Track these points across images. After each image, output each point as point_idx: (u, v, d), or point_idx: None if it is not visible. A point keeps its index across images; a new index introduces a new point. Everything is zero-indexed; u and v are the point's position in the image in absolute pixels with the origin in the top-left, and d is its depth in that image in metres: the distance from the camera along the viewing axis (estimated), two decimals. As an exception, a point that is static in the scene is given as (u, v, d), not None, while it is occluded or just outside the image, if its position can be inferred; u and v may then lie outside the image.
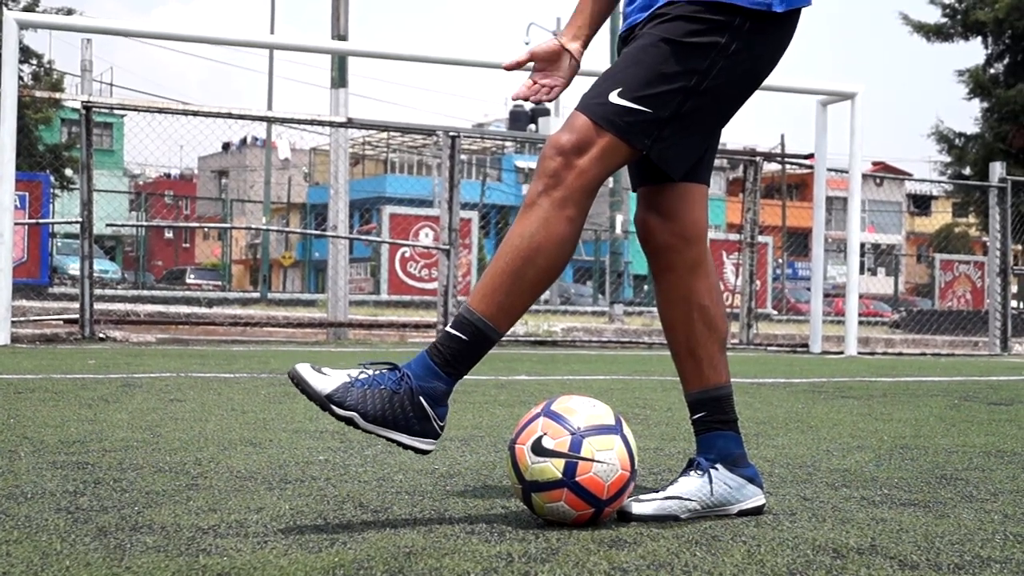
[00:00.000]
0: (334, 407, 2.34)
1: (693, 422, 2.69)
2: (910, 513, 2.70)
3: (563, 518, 2.41)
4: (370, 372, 2.41)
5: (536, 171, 2.48)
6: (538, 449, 2.40)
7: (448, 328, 2.46)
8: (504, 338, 12.31)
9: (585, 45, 2.67)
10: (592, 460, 2.39)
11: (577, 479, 2.37)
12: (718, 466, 2.61)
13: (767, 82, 2.67)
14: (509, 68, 2.76)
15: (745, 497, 2.62)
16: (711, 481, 2.59)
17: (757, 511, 2.63)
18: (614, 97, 2.45)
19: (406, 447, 2.41)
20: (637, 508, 2.51)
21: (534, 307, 29.23)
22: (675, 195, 2.65)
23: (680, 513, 2.54)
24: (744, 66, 2.53)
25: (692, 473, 2.61)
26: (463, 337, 2.43)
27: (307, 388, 2.35)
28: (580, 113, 2.47)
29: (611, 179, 23.83)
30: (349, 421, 2.35)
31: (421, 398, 2.40)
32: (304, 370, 2.36)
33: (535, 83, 2.68)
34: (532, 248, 2.43)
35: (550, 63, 2.68)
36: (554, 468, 2.38)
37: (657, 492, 2.58)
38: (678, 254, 2.64)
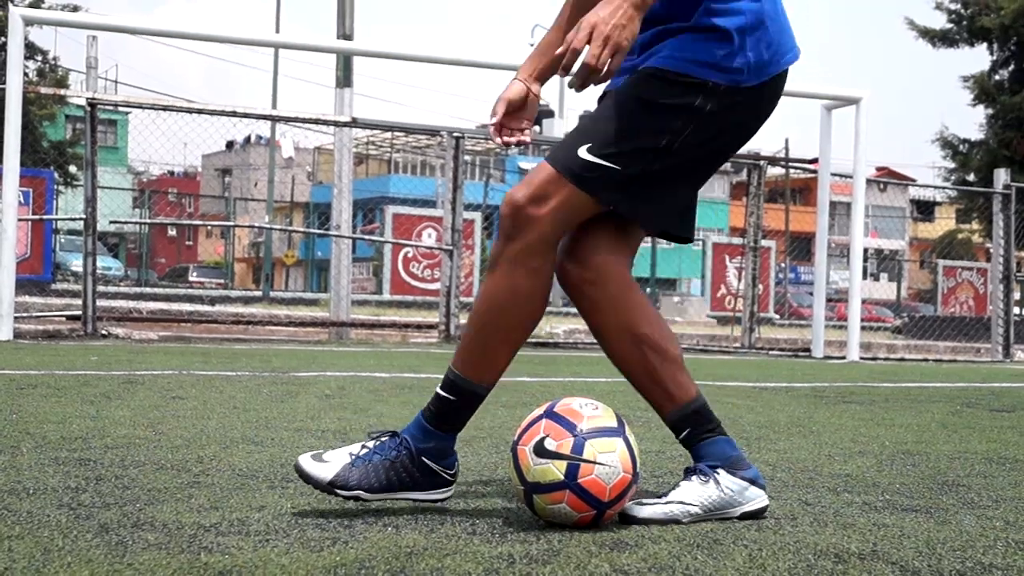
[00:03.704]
0: (339, 491, 2.48)
1: (681, 442, 2.68)
2: (912, 519, 2.69)
3: (565, 520, 2.41)
4: (371, 445, 2.53)
5: (500, 229, 2.50)
6: (540, 451, 2.41)
7: (438, 389, 2.55)
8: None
9: (542, 84, 2.73)
10: (594, 462, 2.39)
11: (579, 481, 2.37)
12: (720, 471, 2.61)
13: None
14: (499, 134, 2.74)
15: (747, 500, 2.61)
16: (717, 484, 2.58)
17: (760, 513, 2.62)
18: (583, 152, 2.46)
19: (423, 502, 2.56)
20: (639, 512, 2.51)
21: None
22: (604, 234, 2.62)
23: (682, 517, 2.53)
24: (719, 128, 2.52)
25: (694, 478, 2.60)
26: (451, 398, 2.54)
27: (309, 479, 2.48)
28: (545, 164, 2.50)
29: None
30: (357, 499, 2.49)
31: (423, 458, 2.53)
32: (305, 462, 2.50)
33: (506, 127, 2.73)
34: (498, 308, 2.51)
35: (520, 107, 2.72)
36: (556, 470, 2.38)
37: (660, 497, 2.58)
38: (598, 290, 2.62)
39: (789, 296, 29.65)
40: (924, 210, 57.54)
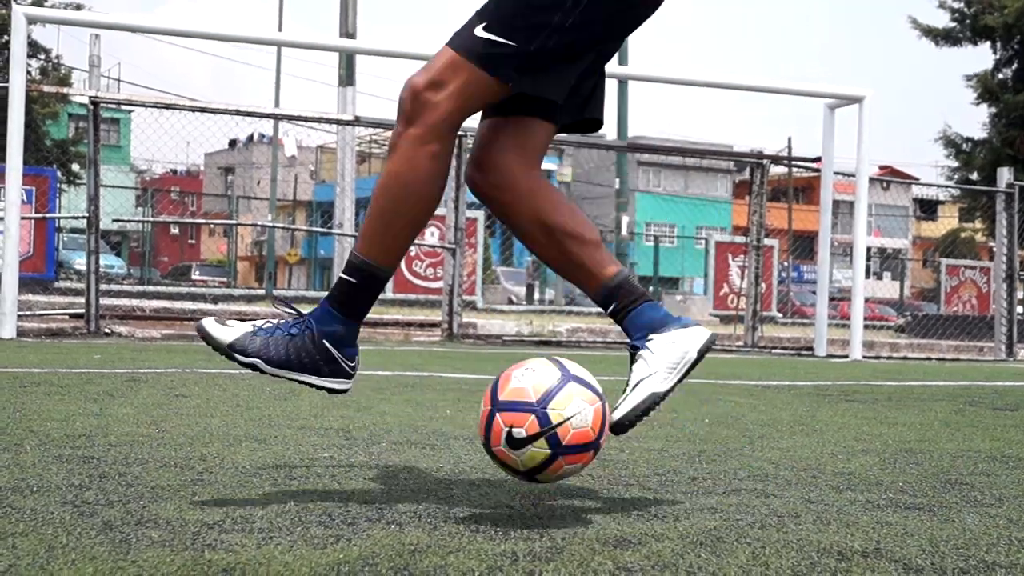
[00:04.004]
0: (237, 355, 2.49)
1: (610, 315, 2.74)
2: (915, 517, 2.69)
3: (574, 474, 2.48)
4: (274, 322, 2.54)
5: (398, 112, 2.51)
6: (514, 443, 2.41)
7: (340, 274, 2.57)
8: (508, 337, 12.26)
9: None
10: (566, 420, 2.41)
11: (564, 443, 2.40)
12: (651, 336, 2.67)
13: (775, 84, 2.69)
14: None
15: (694, 338, 2.69)
16: (651, 352, 2.65)
17: (711, 342, 2.71)
18: (479, 31, 2.47)
19: (319, 388, 2.56)
20: (617, 415, 2.60)
21: (539, 307, 29.01)
22: (508, 134, 2.66)
23: (657, 387, 2.63)
24: (612, 6, 2.54)
25: (636, 359, 2.67)
26: (353, 280, 2.55)
27: (210, 339, 2.49)
28: (445, 47, 2.50)
29: (617, 181, 23.77)
30: (253, 367, 2.50)
31: (324, 341, 2.54)
32: (208, 323, 2.51)
33: None
34: (400, 188, 2.51)
35: None
36: (540, 450, 2.40)
37: (624, 394, 2.65)
38: (506, 194, 2.66)
39: (792, 295, 29.66)
40: (927, 209, 57.53)
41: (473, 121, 2.72)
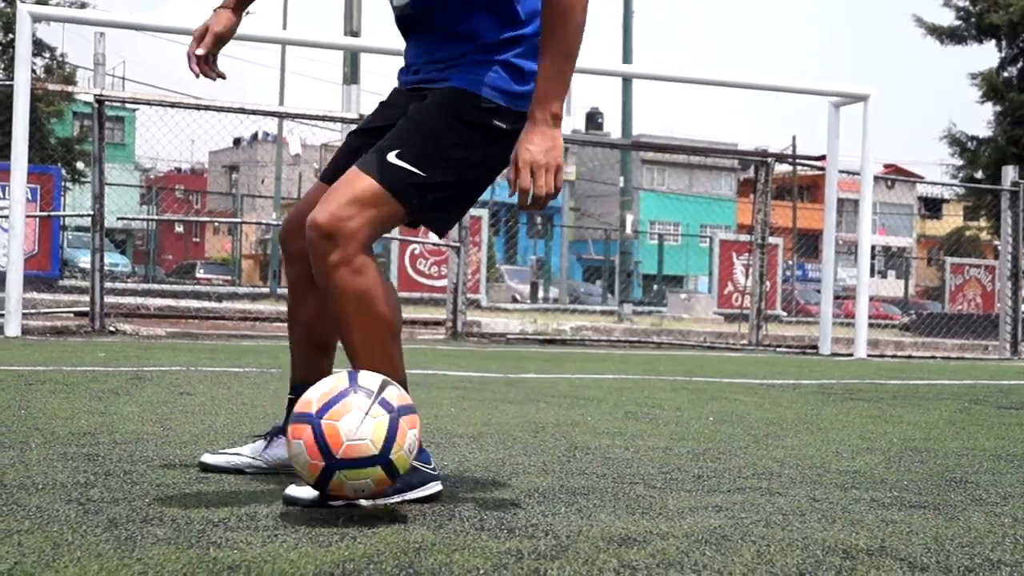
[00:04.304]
0: (332, 503, 2.49)
1: (289, 402, 2.88)
2: (920, 515, 2.69)
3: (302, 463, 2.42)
4: None
5: (311, 249, 2.55)
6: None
7: None
8: (513, 336, 12.23)
9: (244, 10, 2.93)
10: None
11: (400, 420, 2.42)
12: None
13: (780, 83, 2.69)
14: (201, 67, 2.89)
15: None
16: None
17: None
18: (392, 157, 2.57)
19: (422, 500, 2.59)
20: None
21: (543, 305, 28.99)
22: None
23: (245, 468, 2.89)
24: (502, 150, 2.65)
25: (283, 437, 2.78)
26: None
27: (300, 502, 2.50)
28: (355, 169, 2.57)
29: (621, 179, 23.78)
30: (354, 505, 2.50)
31: None
32: (292, 491, 2.53)
33: (208, 61, 2.89)
34: (352, 319, 2.55)
35: (227, 38, 2.89)
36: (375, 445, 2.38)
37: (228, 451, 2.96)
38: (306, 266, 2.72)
39: (796, 293, 29.64)
40: (932, 207, 57.43)
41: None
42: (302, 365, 2.89)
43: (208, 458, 2.96)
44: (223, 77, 2.88)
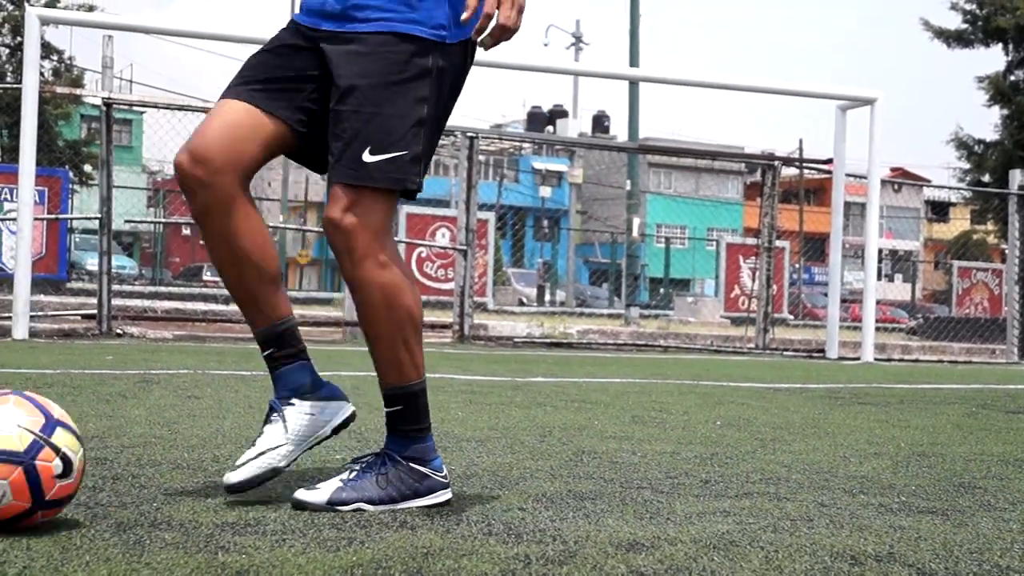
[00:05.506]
0: (339, 508, 2.53)
1: (265, 359, 2.74)
2: (928, 521, 2.69)
3: None
4: (357, 468, 2.62)
5: (333, 250, 2.59)
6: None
7: (386, 410, 2.67)
8: (520, 339, 12.20)
9: None
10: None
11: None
12: (293, 400, 2.68)
13: (786, 86, 2.68)
14: None
15: (331, 415, 2.71)
16: (285, 420, 2.65)
17: (350, 420, 2.75)
18: (367, 156, 2.54)
19: (430, 507, 2.61)
20: (233, 477, 2.58)
21: (550, 309, 29.00)
22: (250, 139, 2.64)
23: (278, 463, 2.61)
24: (449, 80, 2.63)
25: (272, 420, 2.67)
26: (400, 407, 2.66)
27: (308, 506, 2.53)
28: (342, 185, 2.55)
29: (628, 183, 23.75)
30: (360, 511, 2.53)
31: (411, 464, 2.63)
32: (301, 495, 2.55)
33: None
34: (380, 310, 2.59)
35: None
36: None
37: (249, 454, 2.63)
38: (210, 191, 2.61)
39: (803, 297, 29.60)
40: (939, 211, 57.35)
41: (488, 121, 2.73)
42: (266, 305, 2.71)
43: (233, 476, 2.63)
44: None
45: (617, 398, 5.77)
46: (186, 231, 51.71)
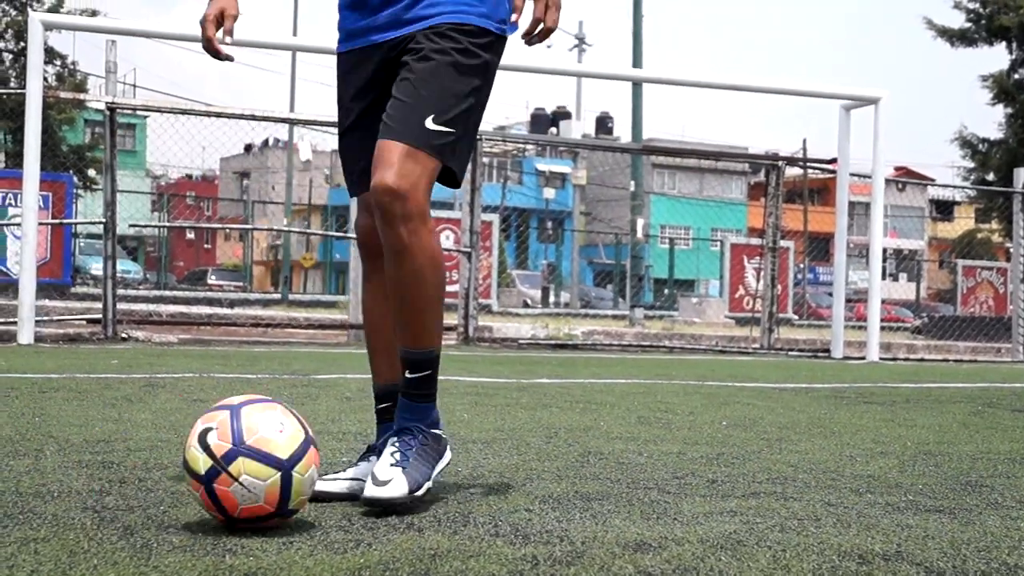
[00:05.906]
0: (418, 492, 2.60)
1: (379, 411, 2.86)
2: (935, 519, 2.68)
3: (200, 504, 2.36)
4: (397, 445, 2.67)
5: (382, 216, 2.62)
6: (202, 438, 2.36)
7: (406, 375, 2.72)
8: (524, 341, 12.20)
9: None
10: (235, 479, 2.29)
11: (214, 486, 2.29)
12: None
13: (791, 86, 2.70)
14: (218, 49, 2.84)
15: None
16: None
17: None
18: (429, 123, 2.63)
19: (444, 469, 2.78)
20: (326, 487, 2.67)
21: (554, 310, 29.00)
22: None
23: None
24: (493, 77, 2.81)
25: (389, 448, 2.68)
26: (421, 374, 2.71)
27: (396, 503, 2.53)
28: (397, 143, 2.60)
29: (632, 183, 23.76)
30: (371, 511, 2.55)
31: (433, 430, 2.74)
32: (375, 493, 2.54)
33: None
34: (436, 273, 2.67)
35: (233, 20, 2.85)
36: (202, 463, 2.32)
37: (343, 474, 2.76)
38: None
39: (808, 296, 29.58)
40: (943, 210, 57.31)
41: (491, 123, 2.77)
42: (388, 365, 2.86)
43: (324, 485, 2.69)
44: (231, 59, 2.89)
45: (622, 399, 5.77)
46: (190, 235, 51.86)
